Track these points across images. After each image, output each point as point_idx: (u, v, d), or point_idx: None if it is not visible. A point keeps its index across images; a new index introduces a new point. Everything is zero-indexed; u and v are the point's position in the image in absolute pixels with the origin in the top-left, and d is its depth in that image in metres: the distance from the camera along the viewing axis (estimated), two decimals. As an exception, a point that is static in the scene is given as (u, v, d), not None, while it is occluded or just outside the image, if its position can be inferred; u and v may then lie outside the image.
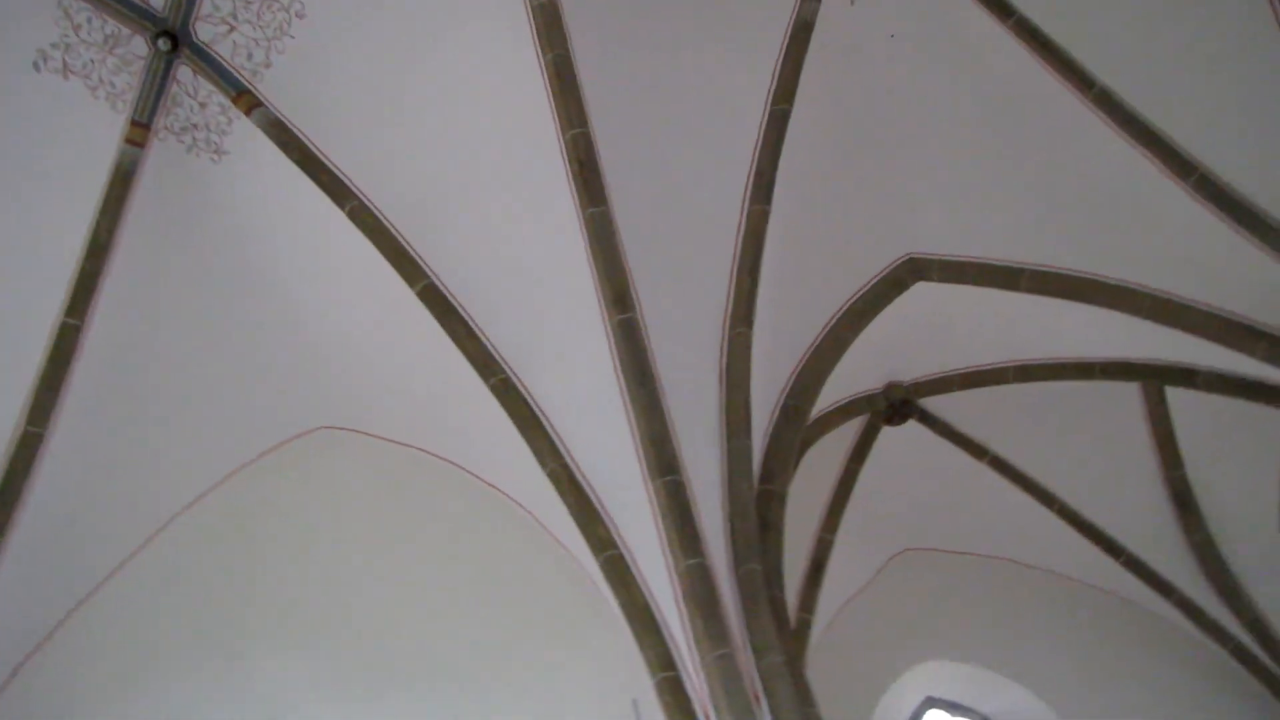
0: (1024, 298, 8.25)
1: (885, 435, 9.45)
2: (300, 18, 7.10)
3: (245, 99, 7.14)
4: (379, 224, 7.26)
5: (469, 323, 7.24)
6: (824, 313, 8.09)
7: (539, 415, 6.99)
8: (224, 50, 7.16)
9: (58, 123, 6.96)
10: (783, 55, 7.54)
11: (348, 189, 7.23)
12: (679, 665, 6.07)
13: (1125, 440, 9.86)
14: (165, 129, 7.21)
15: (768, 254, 7.34)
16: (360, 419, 8.27)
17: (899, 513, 9.95)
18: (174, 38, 7.02)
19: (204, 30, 7.11)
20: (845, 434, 9.32)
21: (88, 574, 7.36)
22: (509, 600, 7.47)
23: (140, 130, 7.07)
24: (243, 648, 7.36)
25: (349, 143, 7.25)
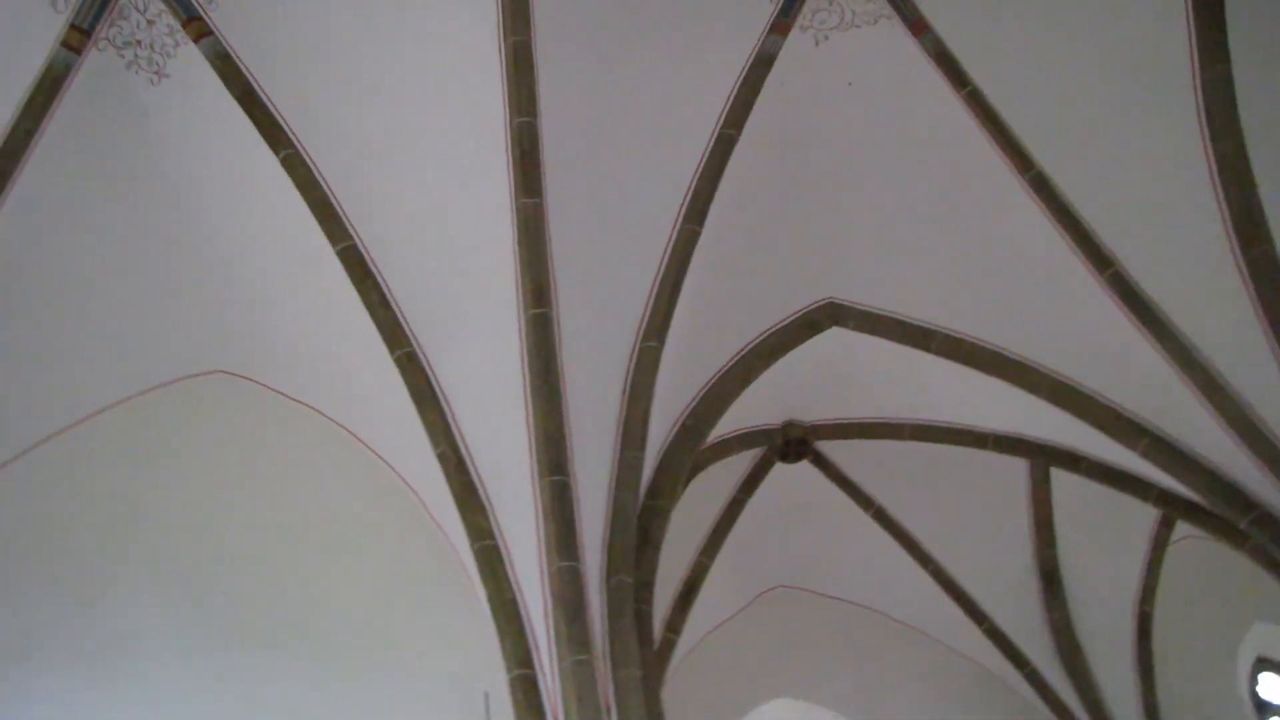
0: (933, 359, 8.44)
1: (778, 471, 9.55)
2: (264, -45, 6.98)
3: (195, 25, 6.96)
4: (311, 176, 7.15)
5: (384, 291, 7.17)
6: (737, 341, 8.17)
7: (438, 394, 6.94)
8: (181, -30, 7.00)
9: (-8, 14, 6.73)
10: (740, 82, 7.60)
11: (285, 136, 7.11)
12: (536, 665, 6.06)
13: (1006, 513, 10.14)
14: (107, 40, 6.98)
15: (691, 274, 7.40)
16: (259, 369, 8.12)
17: (778, 549, 10.07)
18: (130, -53, 6.84)
19: (163, -55, 6.94)
20: (739, 463, 9.38)
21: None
22: (379, 574, 7.39)
23: (79, 35, 6.81)
24: (98, 581, 7.16)
25: (293, 90, 7.13)
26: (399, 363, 7.08)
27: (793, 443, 9.34)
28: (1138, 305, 7.72)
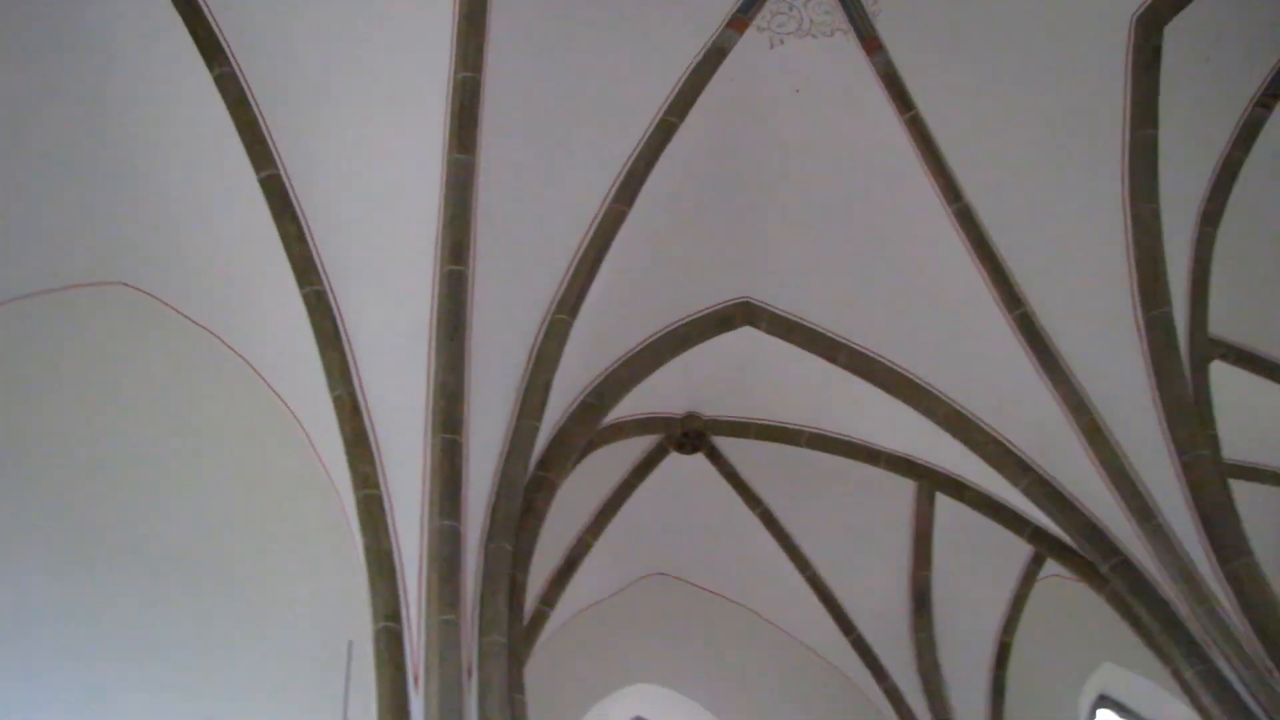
0: (838, 371, 8.59)
1: (672, 460, 9.62)
2: None
3: (136, -72, 6.77)
4: (243, 99, 7.00)
5: (302, 225, 7.05)
6: (649, 326, 8.20)
7: (343, 337, 6.85)
8: None
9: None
10: (689, 71, 7.63)
11: (223, 54, 6.95)
12: (403, 619, 6.02)
13: (888, 531, 10.35)
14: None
15: (613, 253, 7.41)
16: (162, 287, 7.92)
17: (662, 537, 10.13)
18: None
19: None
20: (634, 447, 9.43)
21: None
22: (257, 509, 7.24)
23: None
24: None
25: (238, 8, 6.95)
26: (307, 300, 6.98)
27: (690, 434, 9.41)
28: (1039, 348, 7.97)
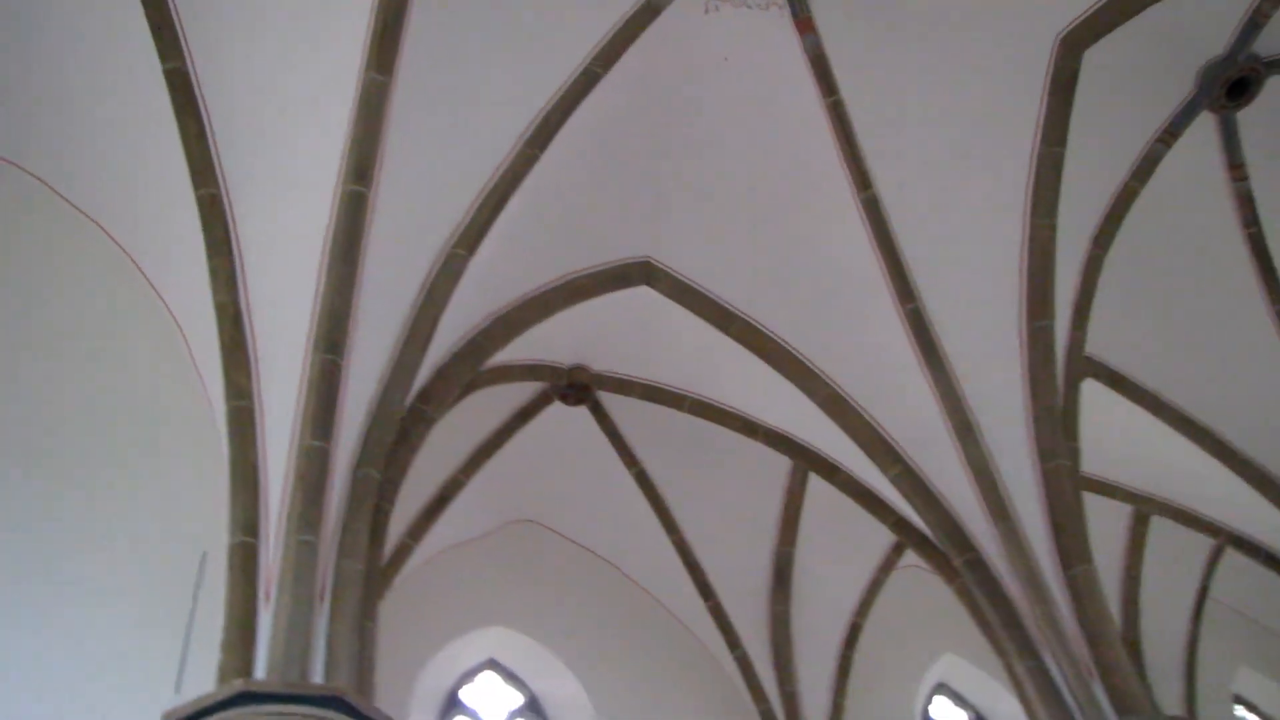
0: (728, 342, 8.69)
1: (555, 409, 9.63)
2: None
3: None
4: (158, -13, 6.75)
5: (204, 124, 6.89)
6: (547, 273, 8.15)
7: (233, 244, 6.70)
8: None
9: None
10: (621, 23, 7.54)
11: (141, -62, 6.68)
12: (261, 535, 5.95)
13: (759, 504, 10.59)
14: None
15: (519, 195, 7.34)
16: (53, 173, 7.66)
17: (536, 485, 10.16)
18: None
19: None
20: (518, 392, 9.42)
21: None
22: (120, 409, 7.04)
23: None
24: None
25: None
26: (201, 201, 6.83)
27: (576, 386, 9.42)
28: (925, 343, 8.19)
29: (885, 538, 10.35)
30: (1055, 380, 8.09)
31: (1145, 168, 8.39)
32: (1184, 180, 8.57)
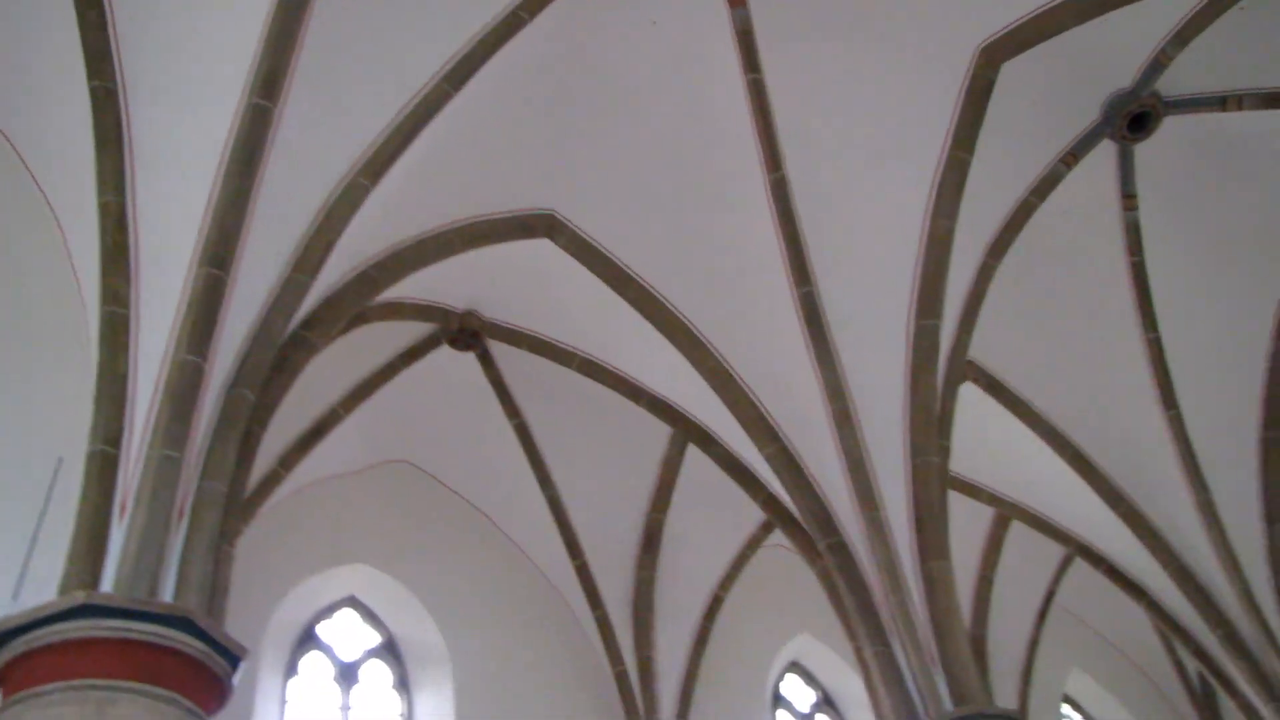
0: (623, 305, 8.69)
1: (442, 352, 9.52)
2: None
3: None
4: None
5: (105, 13, 6.65)
6: (449, 213, 8.01)
7: (125, 141, 6.45)
8: None
9: None
10: (552, -27, 7.44)
11: None
12: (122, 446, 5.77)
13: (635, 469, 10.65)
14: None
15: (429, 132, 7.20)
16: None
17: (415, 427, 10.05)
18: None
19: None
20: (408, 331, 9.29)
21: None
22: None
23: None
24: None
25: None
26: (94, 94, 6.55)
27: (466, 332, 9.33)
28: (815, 328, 8.32)
29: (755, 515, 10.48)
30: (935, 380, 8.28)
31: (1045, 185, 8.61)
32: (1079, 203, 8.84)
